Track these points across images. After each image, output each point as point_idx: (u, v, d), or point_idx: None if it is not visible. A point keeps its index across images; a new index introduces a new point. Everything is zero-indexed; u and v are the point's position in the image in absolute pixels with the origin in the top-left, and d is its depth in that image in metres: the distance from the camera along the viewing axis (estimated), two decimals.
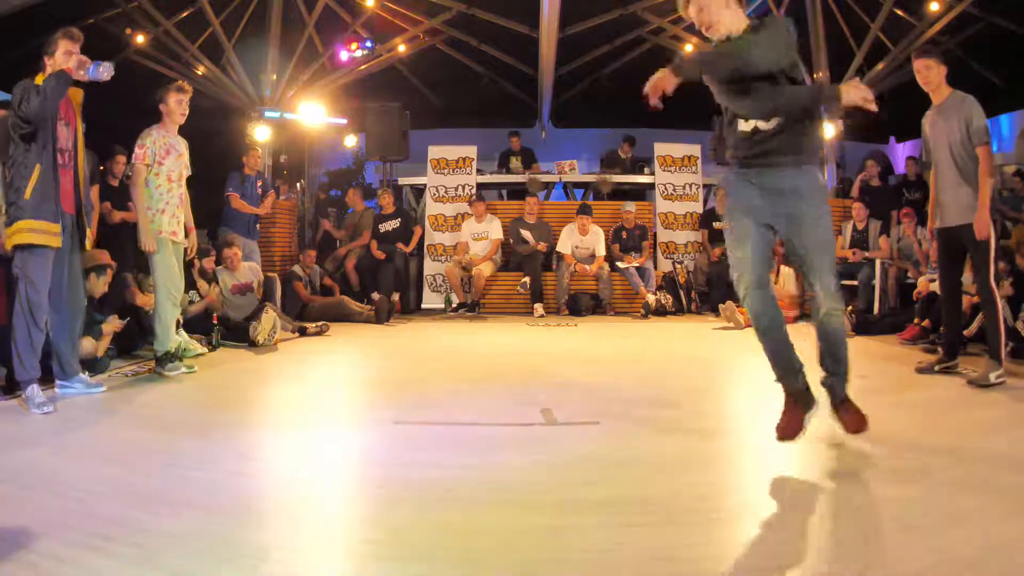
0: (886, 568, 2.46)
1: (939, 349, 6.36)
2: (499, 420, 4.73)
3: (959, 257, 5.96)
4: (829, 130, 12.21)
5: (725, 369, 6.90)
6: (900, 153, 16.64)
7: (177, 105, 6.32)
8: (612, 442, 4.19)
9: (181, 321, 6.96)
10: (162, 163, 6.23)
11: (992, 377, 5.50)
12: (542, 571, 2.53)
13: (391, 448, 4.13)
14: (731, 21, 3.89)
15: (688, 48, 13.89)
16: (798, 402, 3.86)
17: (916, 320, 8.02)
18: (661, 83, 3.54)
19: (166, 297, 6.19)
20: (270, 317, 7.88)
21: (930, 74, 5.77)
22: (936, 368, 6.06)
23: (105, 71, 5.08)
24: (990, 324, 5.70)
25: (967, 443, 4.04)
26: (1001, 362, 5.58)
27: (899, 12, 11.95)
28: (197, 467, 3.65)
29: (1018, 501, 3.04)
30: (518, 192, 13.71)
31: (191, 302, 7.78)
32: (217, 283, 8.37)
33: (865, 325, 8.94)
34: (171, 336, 6.25)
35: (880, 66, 12.26)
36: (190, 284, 7.56)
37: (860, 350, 7.73)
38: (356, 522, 3.07)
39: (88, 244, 5.51)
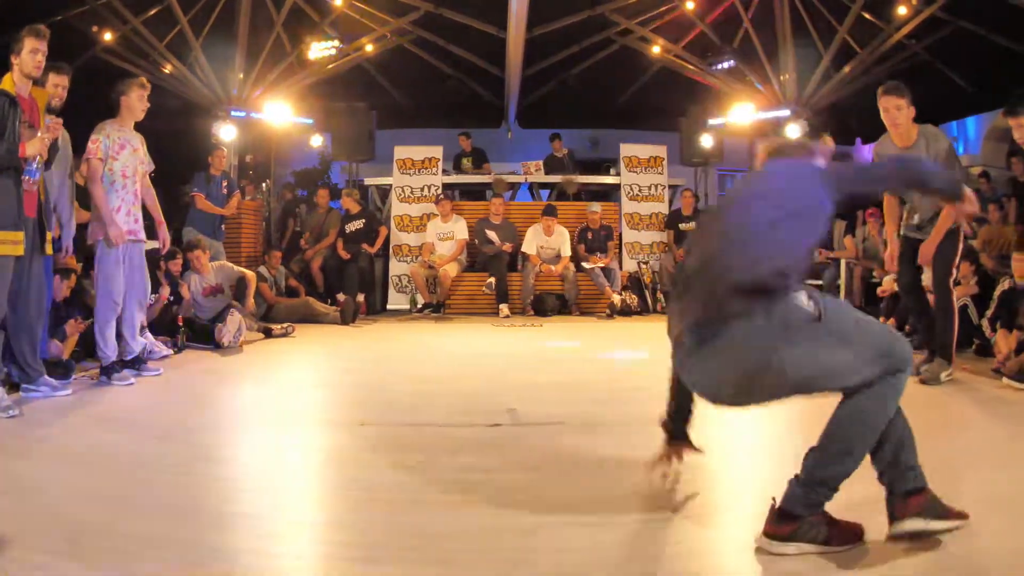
0: (862, 564, 2.53)
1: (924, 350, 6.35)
2: (466, 421, 4.76)
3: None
4: (795, 131, 12.36)
5: None
6: (867, 155, 16.84)
7: (139, 101, 6.10)
8: (579, 442, 4.23)
9: (145, 324, 6.89)
10: (116, 158, 5.98)
11: (943, 376, 5.70)
12: (515, 571, 2.56)
13: (357, 450, 4.15)
14: None
15: (656, 50, 14.00)
16: None
17: (881, 319, 8.14)
18: None
19: (111, 304, 5.95)
20: (235, 319, 7.84)
21: (900, 115, 5.57)
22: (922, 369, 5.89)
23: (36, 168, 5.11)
24: (945, 325, 5.84)
25: (937, 441, 4.12)
26: (951, 361, 5.79)
27: (867, 15, 12.09)
28: (165, 470, 3.65)
29: (987, 497, 3.12)
30: (472, 192, 13.80)
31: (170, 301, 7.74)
32: (182, 283, 8.29)
33: None
34: (114, 343, 5.99)
35: (846, 69, 12.41)
36: (155, 284, 7.44)
37: None
38: (324, 524, 3.08)
39: (48, 247, 5.45)
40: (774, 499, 2.67)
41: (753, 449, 4.11)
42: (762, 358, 2.55)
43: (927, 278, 6.45)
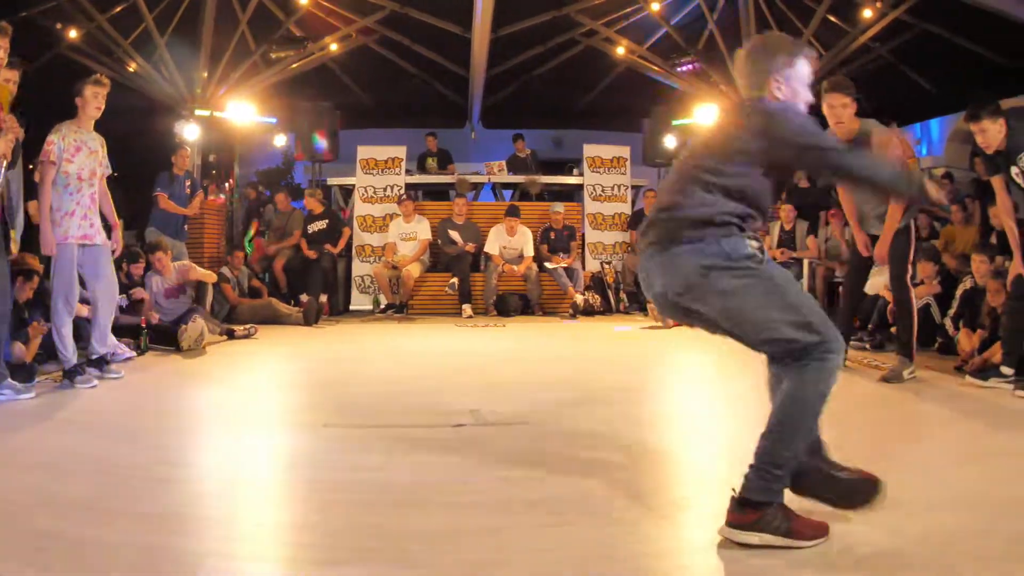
0: (826, 561, 2.59)
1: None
2: (429, 421, 4.79)
3: (869, 264, 6.20)
4: None
5: (653, 367, 7.06)
6: None
7: (93, 97, 5.92)
8: (543, 441, 4.28)
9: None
10: (71, 160, 5.84)
11: (905, 374, 5.80)
12: (481, 572, 2.59)
13: (322, 451, 4.18)
14: None
15: (620, 51, 14.09)
16: None
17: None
18: None
19: (63, 307, 5.82)
20: (197, 326, 7.74)
21: (845, 113, 5.63)
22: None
23: None
24: (904, 323, 5.97)
25: (901, 438, 4.22)
26: (912, 359, 5.88)
27: (832, 18, 12.25)
28: (129, 474, 3.65)
29: (951, 493, 3.23)
30: (435, 193, 13.84)
31: (121, 307, 7.64)
32: (145, 288, 8.22)
33: None
34: (72, 345, 5.88)
35: None
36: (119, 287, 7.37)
37: None
38: (289, 526, 3.11)
39: (14, 247, 5.41)
40: (733, 489, 2.74)
41: (718, 449, 4.17)
42: (701, 274, 2.75)
43: (872, 285, 6.57)
